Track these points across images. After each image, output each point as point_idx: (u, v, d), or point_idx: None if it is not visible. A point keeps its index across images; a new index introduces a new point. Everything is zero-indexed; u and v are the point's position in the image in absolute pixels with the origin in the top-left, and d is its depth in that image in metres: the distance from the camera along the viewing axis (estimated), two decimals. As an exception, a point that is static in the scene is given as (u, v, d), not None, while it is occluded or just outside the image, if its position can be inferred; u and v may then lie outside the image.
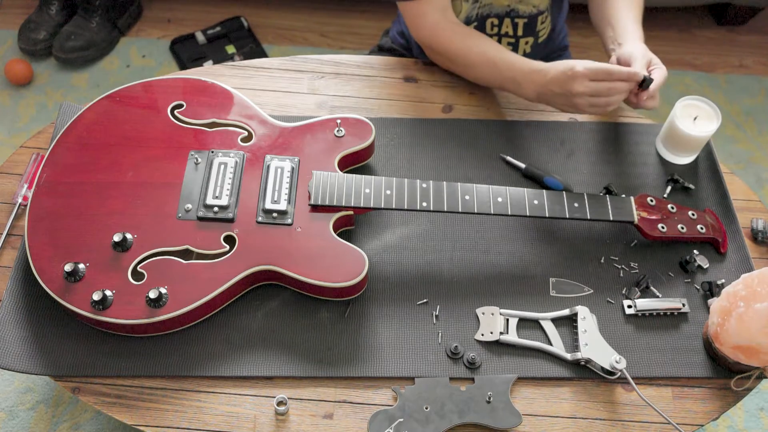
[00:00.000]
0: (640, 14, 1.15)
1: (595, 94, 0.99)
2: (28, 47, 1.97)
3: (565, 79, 0.99)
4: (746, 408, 1.52)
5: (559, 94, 1.01)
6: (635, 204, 0.99)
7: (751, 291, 0.85)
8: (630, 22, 1.12)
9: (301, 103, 1.15)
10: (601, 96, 0.99)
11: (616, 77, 0.98)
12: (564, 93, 1.00)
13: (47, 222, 0.91)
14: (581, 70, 0.97)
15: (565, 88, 1.00)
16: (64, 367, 0.88)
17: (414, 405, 0.86)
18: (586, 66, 0.98)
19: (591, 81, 0.98)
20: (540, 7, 1.20)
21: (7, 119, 1.89)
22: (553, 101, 1.03)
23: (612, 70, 0.98)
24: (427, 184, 0.96)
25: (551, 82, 1.01)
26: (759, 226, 1.04)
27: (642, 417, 0.88)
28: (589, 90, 0.98)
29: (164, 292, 0.86)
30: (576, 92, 0.99)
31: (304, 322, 0.93)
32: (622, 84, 0.99)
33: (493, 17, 1.20)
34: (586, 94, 0.99)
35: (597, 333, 0.90)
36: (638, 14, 1.15)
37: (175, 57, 2.04)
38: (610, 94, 0.99)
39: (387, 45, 1.39)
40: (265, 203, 0.93)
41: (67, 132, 0.99)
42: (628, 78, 0.98)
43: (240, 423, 0.86)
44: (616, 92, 0.99)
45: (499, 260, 1.00)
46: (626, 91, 1.00)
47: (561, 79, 1.00)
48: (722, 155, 1.94)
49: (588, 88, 0.98)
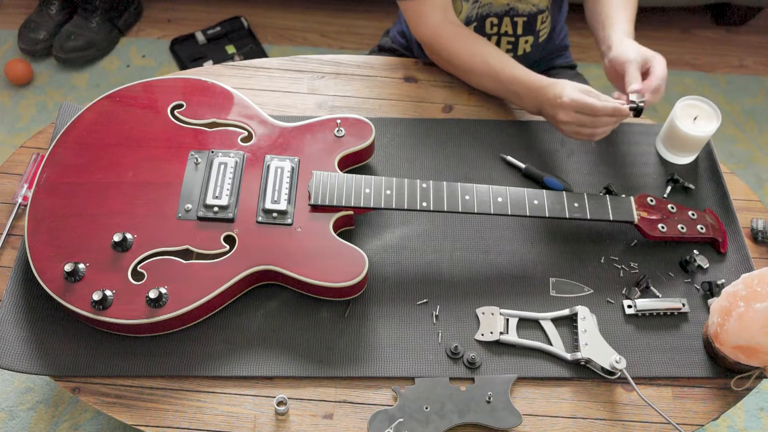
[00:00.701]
0: (633, 14, 1.15)
1: (581, 125, 0.99)
2: (28, 47, 1.97)
3: (554, 104, 1.00)
4: (746, 408, 1.52)
5: (549, 114, 1.03)
6: (635, 204, 0.99)
7: (751, 291, 0.85)
8: (622, 23, 1.11)
9: (301, 103, 1.15)
10: (586, 127, 0.99)
11: (601, 113, 0.97)
12: (552, 115, 1.01)
13: (47, 222, 0.91)
14: (567, 102, 0.98)
15: (552, 112, 1.01)
16: (64, 367, 0.88)
17: (414, 405, 0.86)
18: (572, 98, 0.97)
19: (576, 113, 0.98)
20: (540, 5, 1.20)
21: (7, 119, 1.89)
22: (547, 118, 1.05)
23: (596, 108, 0.96)
24: (427, 184, 0.96)
25: (545, 102, 1.02)
26: (759, 226, 1.04)
27: (642, 417, 0.88)
28: (573, 120, 0.99)
29: (164, 292, 0.86)
30: (560, 120, 1.00)
31: (304, 322, 0.93)
32: (608, 119, 0.98)
33: (492, 17, 1.20)
34: (571, 124, 0.99)
35: (597, 333, 0.90)
36: (631, 14, 1.14)
37: (175, 57, 2.04)
38: (595, 126, 0.99)
39: (387, 45, 1.39)
40: (265, 203, 0.93)
41: (67, 132, 0.99)
42: (613, 114, 0.97)
43: (240, 423, 0.86)
44: (601, 125, 0.99)
45: (499, 260, 1.00)
46: (613, 124, 1.00)
47: (552, 102, 1.01)
48: (722, 155, 1.94)
49: (572, 118, 0.99)
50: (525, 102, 1.07)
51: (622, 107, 0.97)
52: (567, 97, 0.98)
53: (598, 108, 0.96)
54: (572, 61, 1.40)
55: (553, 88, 1.01)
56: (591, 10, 1.18)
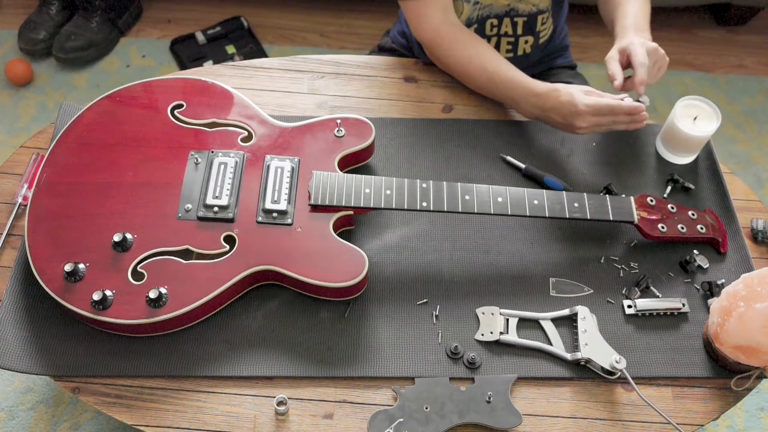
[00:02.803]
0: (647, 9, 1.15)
1: (598, 125, 1.01)
2: (28, 47, 1.97)
3: (568, 113, 1.00)
4: (746, 408, 1.52)
5: (560, 122, 1.03)
6: (635, 204, 0.99)
7: (751, 291, 0.85)
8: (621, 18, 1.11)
9: (301, 103, 1.15)
10: (603, 126, 1.01)
11: (618, 112, 0.99)
12: (566, 123, 1.02)
13: (47, 222, 0.91)
14: (583, 109, 0.98)
15: (567, 120, 1.01)
16: (64, 367, 0.88)
17: (414, 405, 0.86)
18: (586, 103, 0.98)
19: (594, 116, 0.99)
20: (540, 6, 1.20)
21: (7, 119, 1.89)
22: (551, 124, 1.06)
23: (615, 107, 0.98)
24: (427, 184, 0.96)
25: (552, 110, 1.03)
26: (759, 226, 1.04)
27: (642, 417, 0.88)
28: (592, 124, 1.00)
29: (164, 292, 0.86)
30: (579, 127, 1.01)
31: (304, 322, 0.93)
32: (625, 117, 1.00)
33: (492, 18, 1.20)
34: (589, 127, 1.01)
35: (597, 333, 0.90)
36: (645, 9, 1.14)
37: (175, 57, 2.04)
38: (613, 125, 1.01)
39: (387, 45, 1.39)
40: (265, 203, 0.93)
41: (67, 132, 0.99)
42: (630, 112, 0.99)
43: (240, 423, 0.86)
44: (619, 123, 1.01)
45: (499, 260, 1.00)
46: (629, 122, 1.01)
47: (563, 112, 1.01)
48: (722, 155, 1.94)
49: (591, 122, 1.00)
50: (522, 107, 1.07)
51: (639, 105, 0.99)
52: (582, 104, 0.99)
53: (617, 108, 0.98)
54: (572, 61, 1.40)
55: (557, 94, 1.02)
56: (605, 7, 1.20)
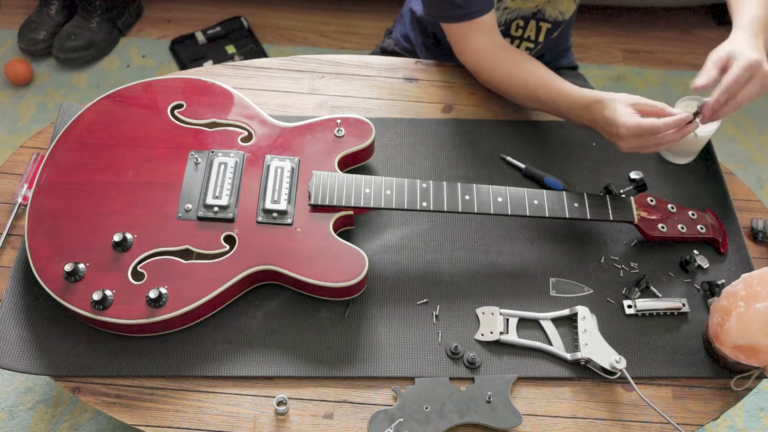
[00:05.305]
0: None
1: (644, 147, 0.94)
2: (28, 47, 1.97)
3: (609, 135, 0.96)
4: (746, 408, 1.52)
5: (605, 136, 0.98)
6: (635, 204, 0.99)
7: (751, 291, 0.85)
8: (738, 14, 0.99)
9: (301, 103, 1.15)
10: (649, 147, 0.94)
11: (664, 130, 0.91)
12: (610, 139, 0.97)
13: (47, 222, 0.91)
14: (625, 132, 0.92)
15: (610, 138, 0.97)
16: (64, 367, 0.88)
17: (414, 405, 0.86)
18: (628, 126, 0.91)
19: (637, 138, 0.93)
20: (566, 15, 1.19)
21: (7, 119, 1.89)
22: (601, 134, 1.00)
23: (659, 127, 0.91)
24: (427, 184, 0.96)
25: (594, 123, 0.98)
26: (759, 226, 1.04)
27: (642, 417, 0.88)
28: (636, 146, 0.94)
29: (164, 292, 0.86)
30: (622, 148, 0.95)
31: (304, 322, 0.93)
32: (672, 133, 0.92)
33: (519, 19, 1.19)
34: (634, 148, 0.95)
35: (597, 333, 0.90)
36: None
37: (175, 57, 2.04)
38: (659, 143, 0.93)
39: (390, 47, 1.38)
40: (265, 203, 0.93)
41: (67, 132, 0.99)
42: (676, 125, 0.91)
43: (240, 423, 0.86)
44: (666, 140, 0.93)
45: (499, 260, 1.00)
46: (679, 136, 0.93)
47: (606, 129, 0.96)
48: (722, 155, 1.92)
49: (635, 144, 0.94)
50: (570, 119, 1.04)
51: (682, 115, 0.91)
52: (624, 128, 0.92)
53: (661, 126, 0.91)
54: (574, 62, 1.40)
55: (601, 107, 0.96)
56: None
